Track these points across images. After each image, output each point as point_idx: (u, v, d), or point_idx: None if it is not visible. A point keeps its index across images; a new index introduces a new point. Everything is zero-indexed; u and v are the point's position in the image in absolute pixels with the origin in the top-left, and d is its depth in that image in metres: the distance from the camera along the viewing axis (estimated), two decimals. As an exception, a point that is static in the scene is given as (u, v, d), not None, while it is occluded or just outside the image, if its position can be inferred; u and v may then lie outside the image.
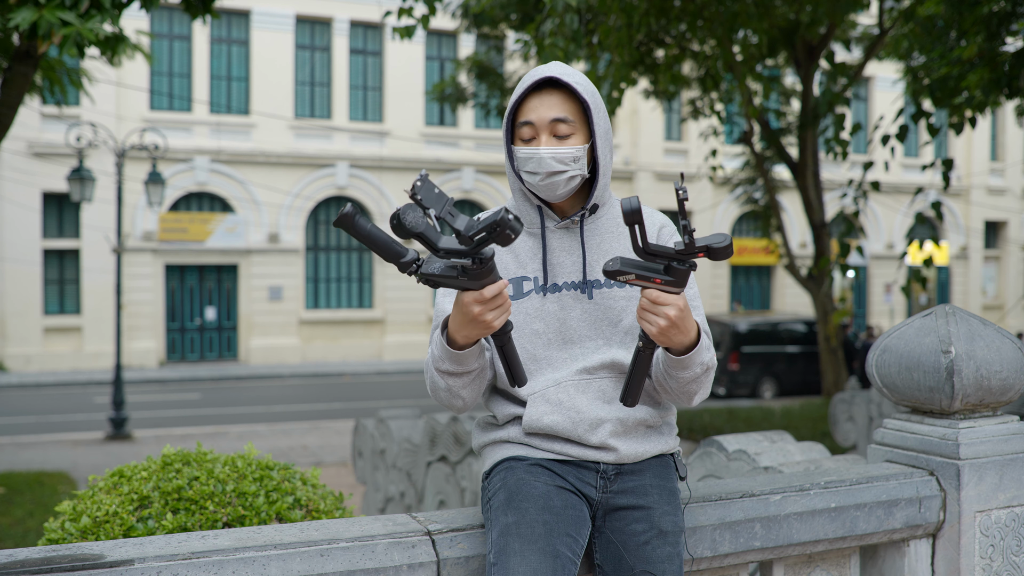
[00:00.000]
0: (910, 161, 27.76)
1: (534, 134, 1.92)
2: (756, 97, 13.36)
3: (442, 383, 1.88)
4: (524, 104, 1.93)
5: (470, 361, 1.84)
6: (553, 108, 1.91)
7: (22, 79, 6.48)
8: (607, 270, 1.73)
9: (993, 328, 2.47)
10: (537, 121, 1.91)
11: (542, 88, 1.93)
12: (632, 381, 1.86)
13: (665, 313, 1.75)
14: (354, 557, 1.83)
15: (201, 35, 21.43)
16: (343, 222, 1.57)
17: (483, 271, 1.65)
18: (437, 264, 1.66)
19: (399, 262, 1.63)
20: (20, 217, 19.77)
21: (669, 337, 1.79)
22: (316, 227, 22.89)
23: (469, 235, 1.59)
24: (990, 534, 2.41)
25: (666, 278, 1.74)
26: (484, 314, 1.70)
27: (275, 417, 14.92)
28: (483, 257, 1.63)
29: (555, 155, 1.89)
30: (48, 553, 1.72)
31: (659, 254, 1.73)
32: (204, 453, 2.56)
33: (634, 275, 1.73)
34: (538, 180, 1.92)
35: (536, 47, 7.53)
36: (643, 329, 1.80)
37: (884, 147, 9.30)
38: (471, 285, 1.67)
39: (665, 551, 1.87)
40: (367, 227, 1.59)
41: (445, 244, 1.63)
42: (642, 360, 1.84)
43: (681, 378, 1.88)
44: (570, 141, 1.91)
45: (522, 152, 1.92)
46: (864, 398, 9.33)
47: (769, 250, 15.71)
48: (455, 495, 5.84)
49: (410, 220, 1.56)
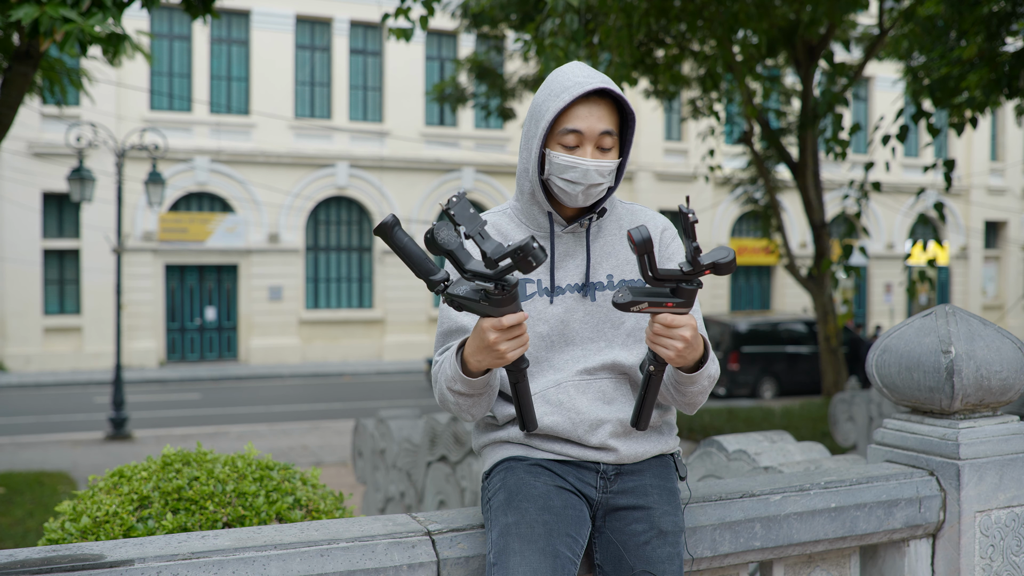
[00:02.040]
0: (910, 161, 27.76)
1: (579, 143, 1.89)
2: (756, 97, 13.36)
3: (452, 399, 1.89)
4: (570, 110, 1.88)
5: (481, 386, 1.84)
6: (603, 120, 1.89)
7: (22, 79, 6.47)
8: (618, 303, 1.72)
9: (993, 328, 2.47)
10: (587, 131, 1.88)
11: (589, 97, 1.89)
12: (644, 406, 1.86)
13: (681, 335, 1.75)
14: (354, 557, 1.83)
15: (201, 35, 21.43)
16: (382, 231, 1.61)
17: (505, 298, 1.66)
18: (464, 287, 1.67)
19: (429, 279, 1.66)
20: (20, 217, 19.77)
21: (684, 357, 1.79)
22: (316, 227, 22.89)
23: (495, 259, 1.61)
24: (990, 534, 2.41)
25: (676, 300, 1.74)
26: (499, 343, 1.70)
27: (275, 417, 14.92)
28: (506, 284, 1.64)
29: (599, 168, 1.88)
30: (48, 553, 1.72)
31: (668, 279, 1.72)
32: (204, 453, 2.56)
33: (646, 303, 1.73)
34: (579, 190, 1.90)
35: (536, 47, 7.52)
36: (656, 354, 1.79)
37: (884, 147, 9.30)
38: (493, 312, 1.68)
39: (665, 551, 1.87)
40: (404, 240, 1.63)
41: (472, 267, 1.65)
42: (653, 384, 1.83)
43: (690, 392, 1.90)
44: (611, 155, 1.91)
45: (563, 159, 1.88)
46: (864, 398, 9.32)
47: (769, 250, 15.70)
48: (455, 495, 5.84)
49: (443, 237, 1.61)
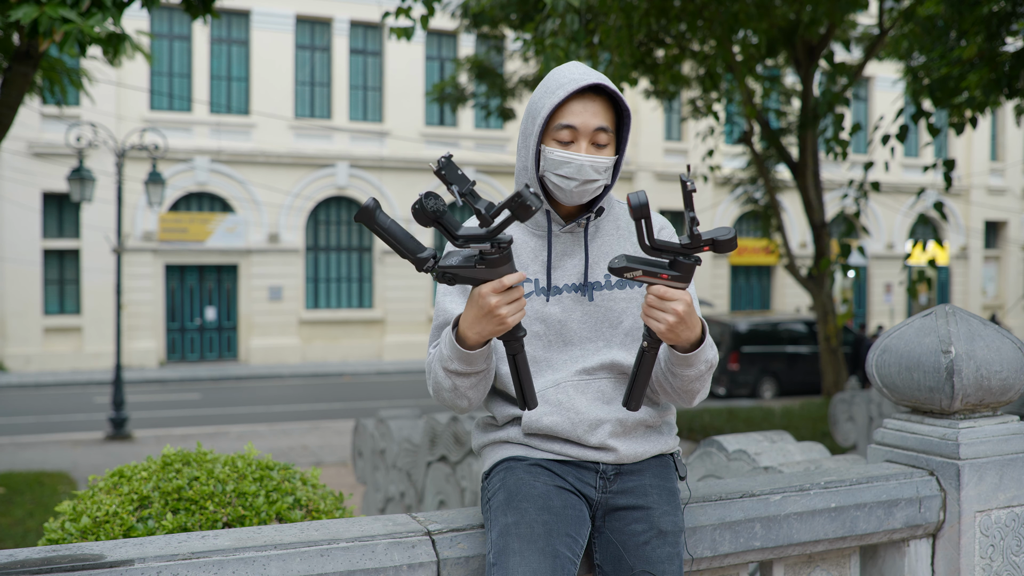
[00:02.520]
0: (910, 161, 27.76)
1: (574, 138, 1.89)
2: (756, 97, 13.36)
3: (448, 383, 1.86)
4: (565, 106, 1.89)
5: (479, 361, 1.82)
6: (598, 116, 1.89)
7: (22, 79, 6.47)
8: (613, 267, 1.72)
9: (993, 328, 2.47)
10: (581, 127, 1.88)
11: (584, 93, 1.90)
12: (636, 384, 1.83)
13: (673, 308, 1.74)
14: (354, 557, 1.82)
15: (201, 35, 21.43)
16: (364, 216, 1.58)
17: (501, 258, 1.65)
18: (455, 257, 1.66)
19: (416, 258, 1.63)
20: (20, 217, 19.76)
21: (677, 333, 1.77)
22: (316, 227, 22.89)
23: (490, 214, 1.60)
24: (990, 534, 2.41)
25: (672, 273, 1.73)
26: (500, 306, 1.69)
27: (275, 417, 14.92)
28: (501, 242, 1.63)
29: (594, 164, 1.88)
30: (48, 553, 1.72)
31: (665, 249, 1.71)
32: (204, 453, 2.56)
33: (640, 271, 1.72)
34: (573, 186, 1.89)
35: (536, 47, 7.52)
36: (649, 327, 1.78)
37: (884, 147, 9.30)
38: (489, 275, 1.66)
39: (665, 551, 1.87)
40: (387, 222, 1.60)
41: (464, 231, 1.63)
42: (646, 361, 1.81)
43: (686, 376, 1.87)
44: (606, 151, 1.91)
45: (558, 155, 1.88)
46: (864, 398, 9.32)
47: (769, 250, 15.71)
48: (455, 495, 5.84)
49: (432, 205, 1.58)
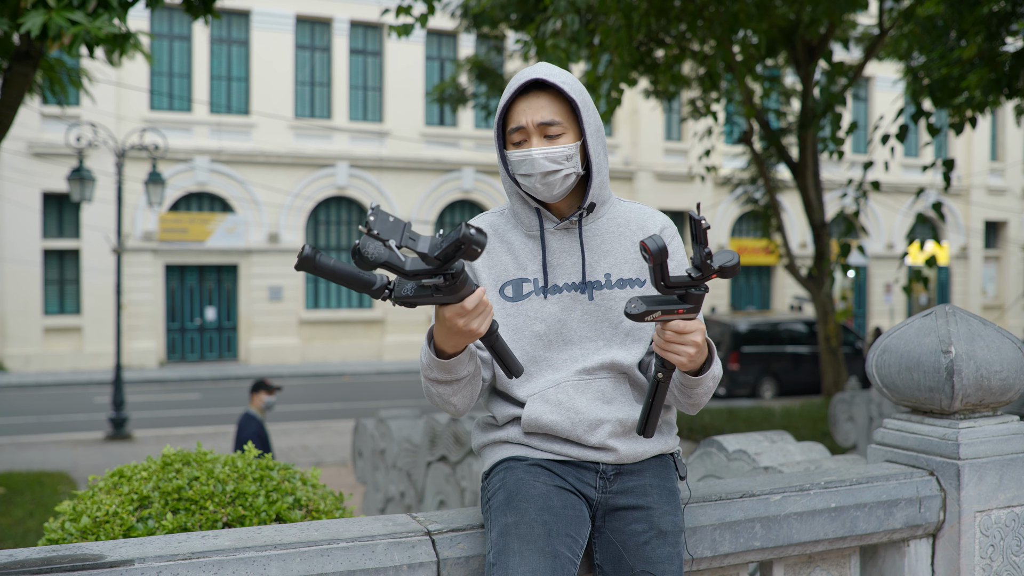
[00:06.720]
0: (910, 161, 27.76)
1: (525, 138, 1.91)
2: (756, 97, 13.35)
3: (433, 390, 1.88)
4: (512, 108, 1.92)
5: (459, 369, 1.82)
6: (541, 111, 1.90)
7: (22, 79, 6.48)
8: (631, 314, 1.71)
9: (993, 328, 2.47)
10: (528, 125, 1.90)
11: (529, 91, 1.92)
12: (652, 413, 1.84)
13: (692, 341, 1.75)
14: (354, 557, 1.82)
15: (201, 35, 21.43)
16: (304, 264, 1.53)
17: (456, 284, 1.62)
18: (409, 285, 1.62)
19: (370, 291, 1.60)
20: (20, 217, 19.76)
21: (696, 362, 1.79)
22: (316, 227, 22.89)
23: (434, 255, 1.55)
24: (990, 534, 2.41)
25: (686, 306, 1.74)
26: (468, 324, 1.68)
27: (275, 417, 14.92)
28: (453, 272, 1.60)
29: (547, 155, 1.89)
30: (48, 553, 1.72)
31: (679, 286, 1.72)
32: (204, 453, 2.56)
33: (659, 311, 1.72)
34: (534, 182, 1.91)
35: (537, 48, 7.52)
36: (664, 361, 1.78)
37: (884, 147, 9.30)
38: (448, 299, 1.64)
39: (665, 551, 1.87)
40: (330, 264, 1.56)
41: (412, 266, 1.58)
42: (661, 390, 1.82)
43: (696, 393, 1.90)
44: (561, 140, 1.90)
45: (515, 156, 1.91)
46: (864, 398, 9.32)
47: (769, 250, 15.71)
48: (455, 495, 5.84)
49: (371, 252, 1.52)
